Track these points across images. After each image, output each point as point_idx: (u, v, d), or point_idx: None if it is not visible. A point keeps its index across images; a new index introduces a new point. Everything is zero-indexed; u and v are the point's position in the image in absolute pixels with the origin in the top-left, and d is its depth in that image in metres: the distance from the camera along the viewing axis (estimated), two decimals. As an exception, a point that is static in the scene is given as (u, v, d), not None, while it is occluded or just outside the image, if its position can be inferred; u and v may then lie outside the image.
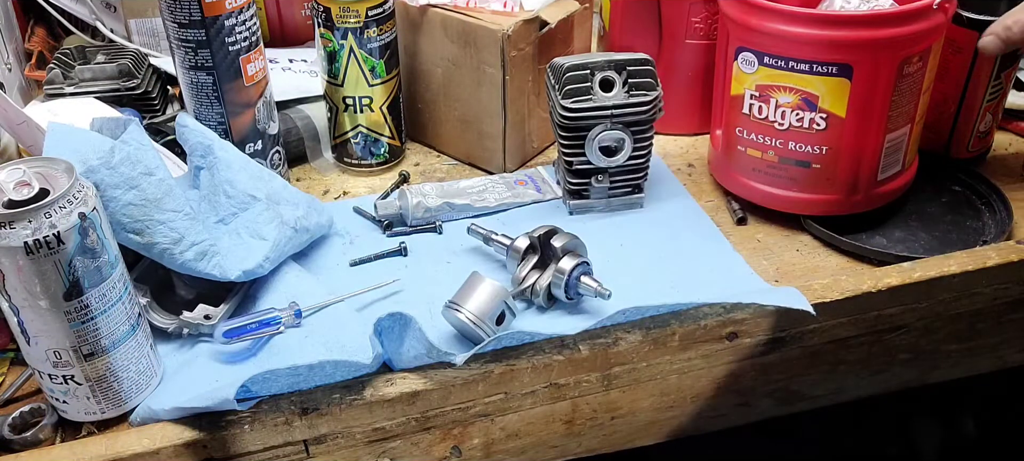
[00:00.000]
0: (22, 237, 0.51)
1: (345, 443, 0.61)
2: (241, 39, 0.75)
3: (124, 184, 0.62)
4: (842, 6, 0.76)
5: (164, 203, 0.63)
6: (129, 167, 0.62)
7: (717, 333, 0.65)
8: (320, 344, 0.63)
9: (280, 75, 0.97)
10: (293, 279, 0.70)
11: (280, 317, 0.64)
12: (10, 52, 0.93)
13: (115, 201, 0.61)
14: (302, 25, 1.08)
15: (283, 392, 0.60)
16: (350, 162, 0.89)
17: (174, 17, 0.73)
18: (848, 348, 0.70)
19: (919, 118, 0.77)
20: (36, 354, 0.56)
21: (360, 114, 0.85)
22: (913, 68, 0.71)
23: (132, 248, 0.64)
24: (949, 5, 0.70)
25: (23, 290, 0.53)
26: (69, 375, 0.57)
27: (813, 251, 0.77)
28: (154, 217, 0.63)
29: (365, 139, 0.87)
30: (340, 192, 0.86)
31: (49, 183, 0.54)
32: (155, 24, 1.01)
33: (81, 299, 0.54)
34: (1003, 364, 0.77)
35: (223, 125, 0.78)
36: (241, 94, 0.78)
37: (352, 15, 0.79)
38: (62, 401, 0.59)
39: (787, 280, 0.73)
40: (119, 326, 0.57)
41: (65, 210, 0.52)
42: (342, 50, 0.81)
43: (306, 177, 0.89)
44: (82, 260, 0.53)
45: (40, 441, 0.58)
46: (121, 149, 0.62)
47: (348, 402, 0.60)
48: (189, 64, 0.76)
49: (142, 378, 0.60)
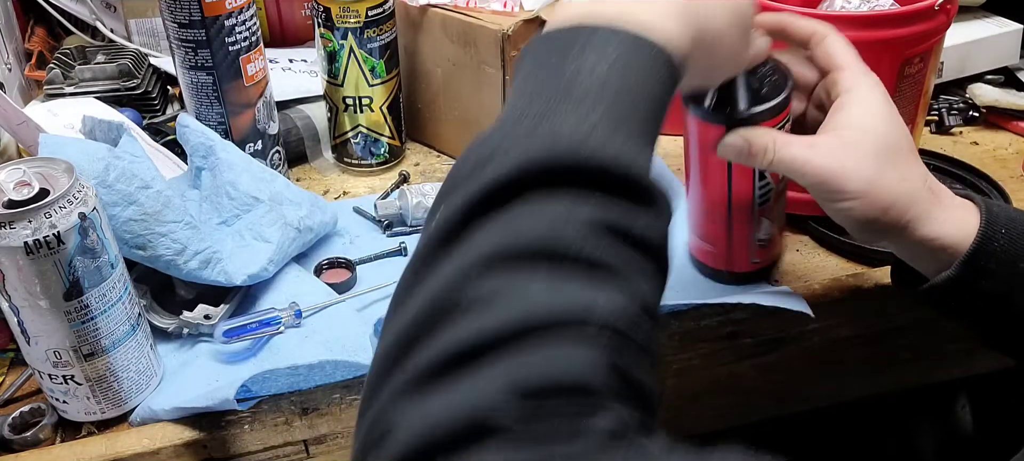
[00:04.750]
0: (22, 237, 0.51)
1: (345, 443, 0.61)
2: (241, 39, 0.75)
3: (122, 201, 0.61)
4: (842, 7, 0.76)
5: (164, 215, 0.63)
6: (126, 182, 0.62)
7: (717, 333, 0.65)
8: (320, 344, 0.63)
9: (280, 75, 0.97)
10: (293, 279, 0.70)
11: (280, 317, 0.64)
12: (10, 52, 0.93)
13: (115, 219, 0.61)
14: (302, 25, 1.08)
15: (283, 392, 0.60)
16: (350, 162, 0.89)
17: (174, 17, 0.73)
18: (848, 348, 0.70)
19: (919, 119, 0.77)
20: (36, 354, 0.56)
21: (360, 114, 0.85)
22: (914, 69, 0.71)
23: (137, 261, 0.64)
24: (951, 6, 0.70)
25: (23, 290, 0.53)
26: (69, 375, 0.57)
27: (813, 251, 0.77)
28: (155, 230, 0.63)
29: (365, 139, 0.87)
30: (340, 192, 0.86)
31: (49, 183, 0.54)
32: (155, 24, 1.01)
33: (81, 299, 0.54)
34: (1004, 364, 0.77)
35: (223, 125, 0.78)
36: (241, 94, 0.78)
37: (352, 15, 0.79)
38: (62, 401, 0.59)
39: (787, 280, 0.73)
40: (119, 326, 0.57)
41: (65, 210, 0.52)
42: (342, 50, 0.81)
43: (306, 177, 0.89)
44: (82, 260, 0.53)
45: (40, 441, 0.58)
46: (116, 165, 0.61)
47: (348, 402, 0.60)
48: (189, 64, 0.76)
49: (142, 378, 0.60)
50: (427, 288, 0.37)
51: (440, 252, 0.38)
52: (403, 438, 0.33)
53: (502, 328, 0.34)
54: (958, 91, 0.98)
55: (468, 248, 0.38)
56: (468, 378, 0.33)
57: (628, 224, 0.39)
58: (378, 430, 0.34)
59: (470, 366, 0.34)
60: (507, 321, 0.35)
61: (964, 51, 0.95)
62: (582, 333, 0.35)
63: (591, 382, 0.34)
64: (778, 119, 0.60)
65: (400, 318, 0.38)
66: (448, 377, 0.34)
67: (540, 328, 0.35)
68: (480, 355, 0.34)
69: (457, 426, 0.32)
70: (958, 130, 0.95)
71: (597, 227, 0.38)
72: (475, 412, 0.32)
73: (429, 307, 0.36)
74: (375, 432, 0.35)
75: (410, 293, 0.38)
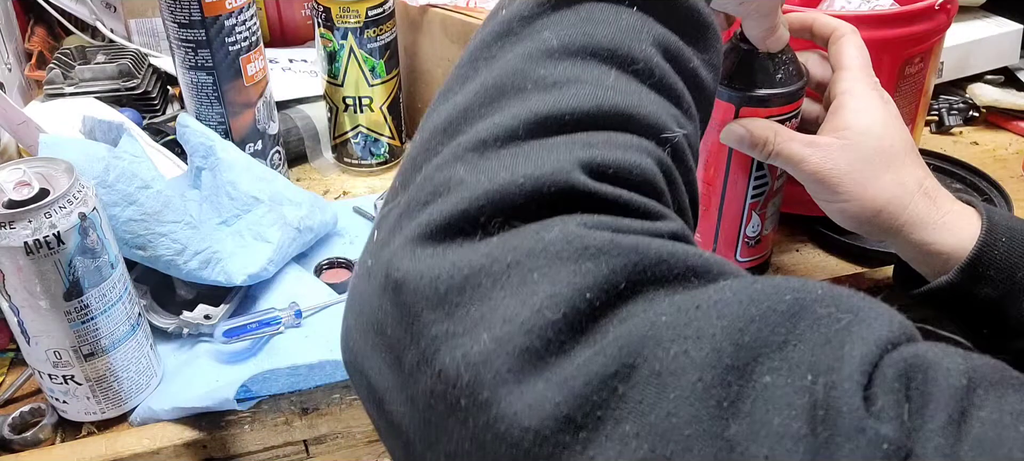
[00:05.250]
0: (22, 237, 0.51)
1: (345, 443, 0.61)
2: (241, 39, 0.75)
3: (123, 201, 0.61)
4: (843, 7, 0.76)
5: (164, 215, 0.63)
6: (126, 182, 0.62)
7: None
8: (320, 344, 0.63)
9: (280, 75, 0.97)
10: (293, 279, 0.70)
11: (280, 317, 0.64)
12: (10, 52, 0.93)
13: (115, 219, 0.61)
14: (302, 25, 1.08)
15: (283, 392, 0.60)
16: (350, 162, 0.89)
17: (174, 17, 0.73)
18: None
19: (920, 119, 0.77)
20: (36, 354, 0.56)
21: (360, 114, 0.85)
22: (914, 69, 0.71)
23: (137, 261, 0.64)
24: (951, 6, 0.70)
25: (23, 290, 0.53)
26: (69, 375, 0.57)
27: (813, 251, 0.77)
28: (156, 230, 0.63)
29: (365, 139, 0.87)
30: (340, 192, 0.86)
31: (49, 183, 0.54)
32: (155, 24, 1.01)
33: (81, 299, 0.54)
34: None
35: (223, 125, 0.78)
36: (241, 94, 0.78)
37: (352, 15, 0.79)
38: (62, 401, 0.59)
39: (787, 280, 0.73)
40: (119, 326, 0.57)
41: (65, 210, 0.52)
42: (342, 50, 0.81)
43: (306, 177, 0.89)
44: (82, 260, 0.53)
45: (40, 441, 0.58)
46: (116, 165, 0.61)
47: (348, 402, 0.59)
48: (189, 64, 0.76)
49: (142, 378, 0.60)
50: (490, 70, 0.37)
51: (505, 41, 0.38)
52: (468, 194, 0.32)
53: (577, 109, 0.34)
54: (958, 91, 0.98)
55: (537, 38, 0.37)
56: (541, 148, 0.33)
57: (686, 57, 0.39)
58: (432, 187, 0.33)
59: (543, 137, 0.33)
60: (582, 104, 0.34)
61: (964, 51, 0.95)
62: (649, 140, 0.35)
63: (659, 185, 0.34)
64: (789, 108, 0.61)
65: (454, 99, 0.37)
66: (520, 143, 0.33)
67: (615, 117, 0.35)
68: (554, 130, 0.34)
69: (535, 184, 0.31)
70: (958, 130, 0.95)
71: (660, 48, 0.38)
72: (555, 177, 0.32)
73: (493, 85, 0.36)
74: (429, 187, 0.33)
75: (465, 80, 0.38)
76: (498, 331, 0.29)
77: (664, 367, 0.27)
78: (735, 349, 0.28)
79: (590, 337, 0.29)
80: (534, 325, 0.28)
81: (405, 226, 0.32)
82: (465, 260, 0.30)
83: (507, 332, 0.28)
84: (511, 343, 0.28)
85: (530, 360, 0.28)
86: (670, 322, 0.28)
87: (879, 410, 0.26)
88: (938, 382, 0.27)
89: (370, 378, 0.32)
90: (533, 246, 0.30)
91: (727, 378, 0.27)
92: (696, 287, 0.30)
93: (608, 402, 0.27)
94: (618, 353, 0.28)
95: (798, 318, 0.28)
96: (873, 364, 0.27)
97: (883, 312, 0.29)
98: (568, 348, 0.28)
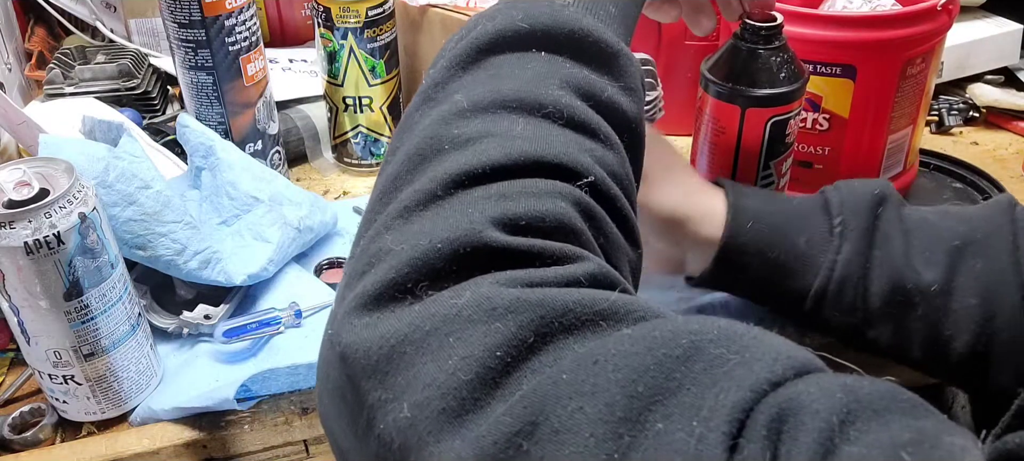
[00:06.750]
0: (22, 237, 0.51)
1: (345, 443, 0.61)
2: (241, 39, 0.75)
3: (122, 201, 0.61)
4: (844, 7, 0.76)
5: (164, 215, 0.63)
6: (125, 183, 0.61)
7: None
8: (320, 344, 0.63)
9: (280, 75, 0.97)
10: (293, 279, 0.70)
11: (280, 317, 0.64)
12: (10, 52, 0.93)
13: (115, 219, 0.61)
14: (302, 25, 1.08)
15: (283, 392, 0.60)
16: (350, 162, 0.88)
17: (174, 17, 0.73)
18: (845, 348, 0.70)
19: (920, 119, 0.77)
20: (36, 354, 0.56)
21: (360, 114, 0.85)
22: (916, 69, 0.71)
23: (137, 261, 0.64)
24: (952, 6, 0.70)
25: (23, 290, 0.53)
26: (69, 375, 0.57)
27: (814, 252, 0.76)
28: (155, 230, 0.63)
29: (365, 139, 0.87)
30: (340, 192, 0.86)
31: (49, 183, 0.54)
32: (155, 24, 1.01)
33: (81, 299, 0.54)
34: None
35: (223, 125, 0.78)
36: (241, 94, 0.78)
37: (352, 15, 0.79)
38: (62, 401, 0.58)
39: (788, 281, 0.73)
40: (119, 326, 0.57)
41: (65, 210, 0.52)
42: (342, 50, 0.81)
43: (306, 177, 0.89)
44: (82, 260, 0.53)
45: (40, 441, 0.58)
46: (116, 165, 0.61)
47: (348, 402, 0.59)
48: (189, 64, 0.75)
49: (142, 378, 0.60)
50: (412, 138, 0.39)
51: (424, 107, 0.41)
52: (396, 263, 0.33)
53: (488, 162, 0.36)
54: (958, 91, 0.98)
55: (450, 101, 0.39)
56: (459, 206, 0.35)
57: (599, 89, 0.41)
58: (367, 259, 0.35)
59: (461, 193, 0.35)
60: (492, 156, 0.36)
61: (964, 51, 0.95)
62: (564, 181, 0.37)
63: (575, 226, 0.36)
64: (792, 106, 0.62)
65: (385, 172, 0.39)
66: (440, 204, 0.35)
67: (525, 164, 0.36)
68: (470, 185, 0.35)
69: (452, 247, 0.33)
70: (958, 130, 0.95)
71: (571, 87, 0.40)
72: (469, 237, 0.33)
73: (416, 152, 0.38)
74: (365, 259, 0.35)
75: (395, 150, 0.40)
76: (419, 395, 0.30)
77: (562, 424, 0.29)
78: (628, 400, 0.29)
79: (503, 391, 0.30)
80: (450, 387, 0.30)
81: (347, 297, 0.35)
82: (392, 330, 0.32)
83: (427, 396, 0.30)
84: (430, 407, 0.30)
85: (449, 420, 0.30)
86: (570, 379, 0.30)
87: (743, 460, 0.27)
88: (805, 425, 0.27)
89: (336, 438, 0.35)
90: (448, 312, 0.32)
91: (619, 430, 0.28)
92: (604, 331, 0.31)
93: (515, 459, 0.29)
94: (523, 412, 0.29)
95: (693, 361, 0.29)
96: (746, 411, 0.28)
97: (770, 350, 0.30)
98: (482, 404, 0.30)
